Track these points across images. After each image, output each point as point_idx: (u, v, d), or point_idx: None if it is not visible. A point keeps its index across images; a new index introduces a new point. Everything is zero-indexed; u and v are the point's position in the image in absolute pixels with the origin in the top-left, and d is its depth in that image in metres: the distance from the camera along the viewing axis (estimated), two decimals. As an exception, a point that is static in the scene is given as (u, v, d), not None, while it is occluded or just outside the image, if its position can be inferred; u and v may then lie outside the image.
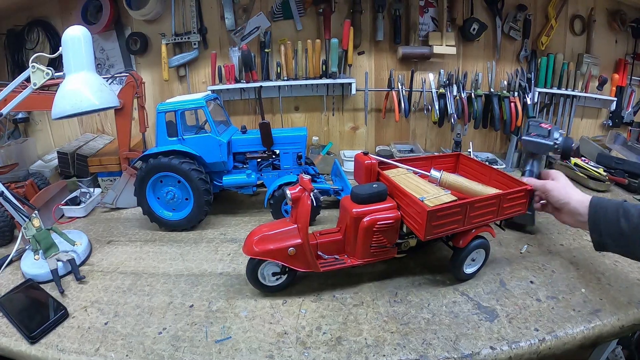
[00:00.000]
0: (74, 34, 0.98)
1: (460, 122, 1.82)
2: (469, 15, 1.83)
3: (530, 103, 1.78)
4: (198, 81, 1.91)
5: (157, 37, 1.82)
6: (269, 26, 1.82)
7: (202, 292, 1.02)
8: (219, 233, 1.35)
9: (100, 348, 0.84)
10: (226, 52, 1.84)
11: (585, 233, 1.28)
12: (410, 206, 0.94)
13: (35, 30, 1.86)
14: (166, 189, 1.32)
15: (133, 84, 1.44)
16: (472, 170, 1.23)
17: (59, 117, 0.98)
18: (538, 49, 1.89)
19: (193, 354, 0.82)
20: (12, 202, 1.08)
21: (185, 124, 1.33)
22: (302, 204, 0.94)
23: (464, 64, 1.91)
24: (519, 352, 0.81)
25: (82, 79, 0.99)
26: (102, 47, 1.88)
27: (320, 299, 0.98)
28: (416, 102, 1.87)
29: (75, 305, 0.98)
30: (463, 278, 1.04)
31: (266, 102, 1.89)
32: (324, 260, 1.01)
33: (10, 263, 1.15)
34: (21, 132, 1.98)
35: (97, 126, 2.00)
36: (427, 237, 0.92)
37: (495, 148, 2.08)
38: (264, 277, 0.98)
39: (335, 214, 1.43)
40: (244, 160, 1.46)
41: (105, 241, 1.31)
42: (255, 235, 0.97)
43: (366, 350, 0.82)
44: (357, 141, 2.02)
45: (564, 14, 1.88)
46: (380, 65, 1.90)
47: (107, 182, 1.63)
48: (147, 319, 0.93)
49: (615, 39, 1.95)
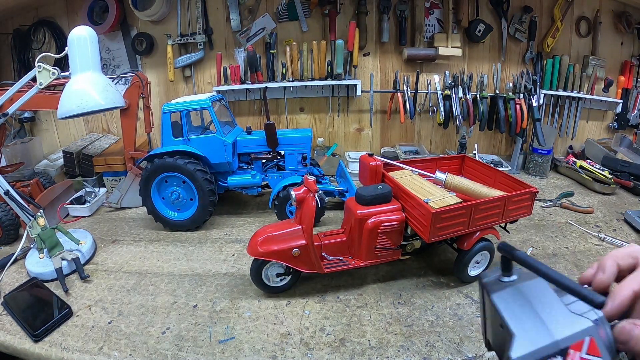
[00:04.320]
0: (80, 34, 0.98)
1: (465, 124, 1.82)
2: (474, 16, 1.83)
3: (536, 105, 1.77)
4: (203, 82, 1.91)
5: (162, 37, 1.83)
6: (274, 27, 1.82)
7: (206, 292, 1.03)
8: (224, 233, 1.35)
9: (104, 347, 0.84)
10: (232, 53, 1.84)
11: (589, 236, 1.27)
12: (415, 208, 0.94)
13: (41, 30, 1.87)
14: (171, 189, 1.33)
15: (139, 84, 1.44)
16: (477, 172, 1.23)
17: (64, 117, 0.99)
18: (544, 50, 1.88)
19: (196, 354, 0.82)
20: (17, 200, 1.09)
21: (191, 124, 1.34)
22: (307, 205, 0.94)
23: (469, 66, 1.91)
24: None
25: (88, 79, 0.99)
26: (107, 48, 1.89)
27: (324, 300, 0.98)
28: (421, 103, 1.87)
29: (79, 304, 0.98)
30: (467, 280, 1.04)
31: (271, 103, 1.89)
32: (328, 261, 1.01)
33: (15, 261, 1.15)
34: (27, 131, 1.99)
35: (102, 126, 2.01)
36: (432, 239, 0.91)
37: (501, 150, 2.07)
38: (268, 277, 0.98)
39: (340, 215, 1.43)
40: (249, 161, 1.46)
41: (110, 240, 1.31)
42: (259, 236, 0.97)
43: (369, 352, 0.81)
44: (362, 143, 2.02)
45: (569, 15, 1.87)
46: (386, 66, 1.90)
47: (112, 181, 1.63)
48: (150, 318, 0.93)
49: (621, 40, 1.94)
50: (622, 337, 0.37)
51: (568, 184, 1.75)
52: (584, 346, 0.35)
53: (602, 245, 1.22)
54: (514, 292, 0.41)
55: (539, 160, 1.83)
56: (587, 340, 0.35)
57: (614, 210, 1.47)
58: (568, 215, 1.44)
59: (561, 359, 0.34)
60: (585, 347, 0.35)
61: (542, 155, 1.81)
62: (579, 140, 2.03)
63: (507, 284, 0.43)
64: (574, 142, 2.02)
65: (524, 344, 0.36)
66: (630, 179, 1.65)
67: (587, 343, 0.35)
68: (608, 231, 1.30)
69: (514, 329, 0.38)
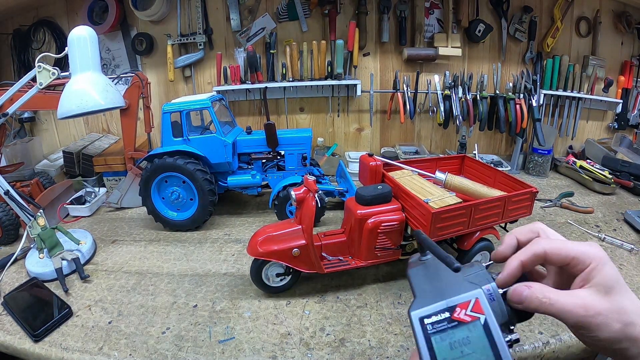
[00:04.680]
0: (80, 34, 0.98)
1: (465, 124, 1.82)
2: (474, 16, 1.83)
3: (536, 105, 1.77)
4: (203, 82, 1.91)
5: (162, 37, 1.83)
6: (274, 27, 1.82)
7: (206, 292, 1.03)
8: (224, 233, 1.35)
9: (104, 347, 0.84)
10: (232, 53, 1.84)
11: (589, 236, 1.27)
12: (415, 208, 0.94)
13: (41, 30, 1.87)
14: (171, 189, 1.33)
15: (139, 84, 1.44)
16: (477, 172, 1.23)
17: (64, 117, 0.99)
18: (544, 50, 1.88)
19: (196, 354, 0.82)
20: (17, 200, 1.09)
21: (191, 124, 1.34)
22: (307, 205, 0.94)
23: (469, 66, 1.91)
24: (522, 355, 0.81)
25: (88, 79, 0.99)
26: (107, 48, 1.89)
27: (324, 300, 0.98)
28: (421, 103, 1.87)
29: (79, 304, 0.98)
30: (467, 280, 1.03)
31: (271, 103, 1.90)
32: (328, 261, 1.01)
33: (15, 261, 1.15)
34: (27, 131, 1.99)
35: (102, 126, 2.01)
36: (432, 239, 0.91)
37: (501, 150, 2.07)
38: (268, 277, 0.98)
39: (340, 215, 1.43)
40: (248, 161, 1.46)
41: (110, 240, 1.31)
42: (259, 236, 0.97)
43: (369, 352, 0.81)
44: (362, 143, 2.02)
45: (569, 15, 1.87)
46: (386, 66, 1.90)
47: (112, 181, 1.63)
48: (150, 318, 0.93)
49: (621, 40, 1.94)
50: (515, 298, 0.45)
51: (568, 184, 1.75)
52: (469, 305, 0.43)
53: (602, 245, 1.21)
54: (424, 267, 0.53)
55: (539, 160, 1.83)
56: (473, 301, 0.43)
57: (614, 210, 1.47)
58: (568, 215, 1.44)
59: (448, 314, 0.43)
60: (471, 306, 0.43)
61: (542, 155, 1.81)
62: (579, 140, 2.03)
63: (422, 262, 0.54)
64: (574, 142, 2.03)
65: (421, 302, 0.45)
66: (630, 179, 1.65)
67: (473, 303, 0.43)
68: (608, 231, 1.30)
69: (417, 293, 0.49)
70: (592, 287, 0.44)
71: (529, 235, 0.51)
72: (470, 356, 0.40)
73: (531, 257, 0.47)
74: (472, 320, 0.42)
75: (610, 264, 0.45)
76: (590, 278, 0.44)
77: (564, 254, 0.46)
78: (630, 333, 0.42)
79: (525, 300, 0.44)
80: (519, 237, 0.51)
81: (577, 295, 0.44)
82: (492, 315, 0.42)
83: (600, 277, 0.44)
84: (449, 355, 0.41)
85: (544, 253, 0.46)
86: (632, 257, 1.14)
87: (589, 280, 0.44)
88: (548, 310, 0.44)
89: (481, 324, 0.42)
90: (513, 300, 0.45)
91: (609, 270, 0.44)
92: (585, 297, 0.43)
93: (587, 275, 0.44)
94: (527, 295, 0.44)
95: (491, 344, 0.40)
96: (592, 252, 0.45)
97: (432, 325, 0.43)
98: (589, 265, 0.44)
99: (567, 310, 0.43)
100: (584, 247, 0.46)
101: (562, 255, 0.46)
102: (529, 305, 0.44)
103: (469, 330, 0.42)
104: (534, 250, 0.47)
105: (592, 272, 0.44)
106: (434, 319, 0.43)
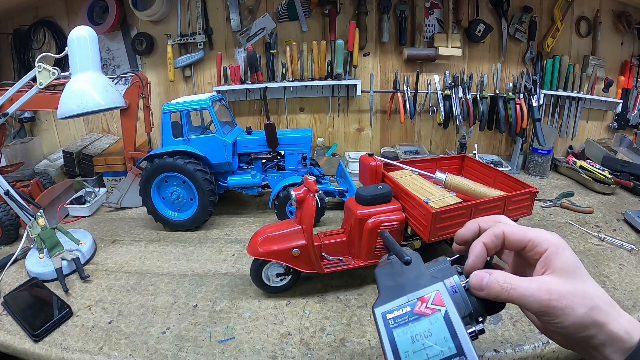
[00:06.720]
0: (80, 34, 0.98)
1: (465, 124, 1.82)
2: (474, 16, 1.83)
3: (536, 105, 1.77)
4: (203, 82, 1.91)
5: (162, 37, 1.83)
6: (274, 27, 1.82)
7: (206, 292, 1.03)
8: (224, 233, 1.35)
9: (104, 347, 0.84)
10: (232, 53, 1.84)
11: (589, 236, 1.27)
12: (415, 208, 0.94)
13: (41, 30, 1.87)
14: (171, 189, 1.33)
15: (139, 84, 1.44)
16: (477, 172, 1.23)
17: (64, 117, 0.99)
18: (544, 50, 1.88)
19: (196, 354, 0.82)
20: (17, 200, 1.09)
21: (191, 124, 1.34)
22: (307, 205, 0.93)
23: (469, 66, 1.91)
24: (522, 355, 0.81)
25: (88, 79, 0.99)
26: (107, 48, 1.89)
27: (324, 300, 0.98)
28: (421, 103, 1.87)
29: (79, 304, 0.98)
30: (467, 280, 1.03)
31: (271, 103, 1.90)
32: (328, 261, 1.01)
33: (15, 262, 1.15)
34: (27, 131, 1.99)
35: (102, 126, 2.01)
36: (432, 239, 0.91)
37: (501, 150, 2.07)
38: (268, 277, 0.98)
39: (340, 215, 1.43)
40: (249, 161, 1.46)
41: (110, 240, 1.31)
42: (259, 236, 0.97)
43: (369, 352, 0.81)
44: (362, 143, 2.02)
45: (569, 15, 1.87)
46: (386, 66, 1.90)
47: (112, 181, 1.63)
48: (150, 318, 0.93)
49: (621, 40, 1.94)
50: (476, 284, 0.45)
51: (568, 184, 1.75)
52: (430, 299, 0.45)
53: (602, 245, 1.22)
54: (390, 266, 0.55)
55: (539, 160, 1.83)
56: (433, 295, 0.45)
57: (614, 210, 1.47)
58: (568, 215, 1.44)
59: (410, 308, 0.45)
60: (432, 299, 0.44)
61: (542, 155, 1.81)
62: (579, 140, 2.03)
63: (389, 260, 0.57)
64: (574, 142, 2.02)
65: (384, 299, 0.48)
66: (630, 179, 1.65)
67: (433, 296, 0.45)
68: (608, 231, 1.30)
69: (381, 290, 0.51)
70: (554, 272, 0.44)
71: (490, 223, 0.52)
72: (432, 348, 0.41)
73: (491, 238, 0.49)
74: (432, 313, 0.43)
75: (569, 250, 0.46)
76: (550, 263, 0.45)
77: (521, 236, 0.48)
78: (595, 317, 0.42)
79: (486, 286, 0.44)
80: (481, 224, 0.53)
81: (540, 280, 0.44)
82: (452, 307, 0.43)
83: (561, 262, 0.44)
84: (411, 348, 0.42)
85: (502, 234, 0.49)
86: (632, 257, 1.14)
87: (550, 265, 0.45)
88: (510, 296, 0.43)
89: (442, 315, 0.43)
90: (475, 288, 0.45)
91: (569, 256, 0.45)
92: (548, 282, 0.43)
93: (547, 260, 0.45)
94: (488, 281, 0.44)
95: (452, 335, 0.41)
96: (549, 237, 0.46)
97: (394, 319, 0.45)
98: (546, 250, 0.45)
99: (530, 294, 0.42)
100: (541, 232, 0.47)
101: (519, 236, 0.48)
102: (490, 291, 0.44)
103: (430, 323, 0.43)
104: (494, 231, 0.49)
105: (552, 257, 0.45)
106: (396, 314, 0.45)
